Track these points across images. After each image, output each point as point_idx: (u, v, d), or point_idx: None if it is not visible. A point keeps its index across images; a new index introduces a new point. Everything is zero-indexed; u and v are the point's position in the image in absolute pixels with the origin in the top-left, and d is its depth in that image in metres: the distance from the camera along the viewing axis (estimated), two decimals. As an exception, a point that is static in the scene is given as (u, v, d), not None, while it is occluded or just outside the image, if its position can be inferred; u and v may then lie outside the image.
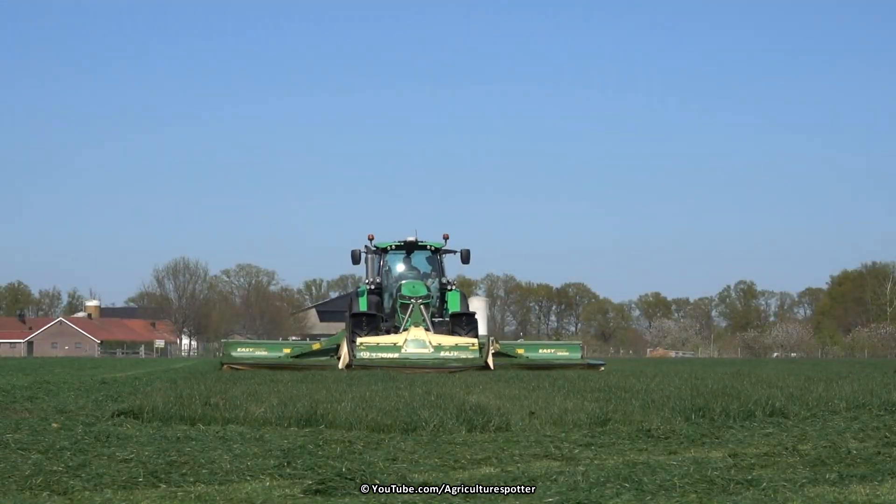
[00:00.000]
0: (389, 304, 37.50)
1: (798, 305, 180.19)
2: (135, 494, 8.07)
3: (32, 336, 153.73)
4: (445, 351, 33.48)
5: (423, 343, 33.62)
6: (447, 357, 33.18)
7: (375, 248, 38.18)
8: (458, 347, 33.66)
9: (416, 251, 38.55)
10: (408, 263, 38.54)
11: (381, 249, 38.18)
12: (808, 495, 7.72)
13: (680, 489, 8.01)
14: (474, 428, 12.11)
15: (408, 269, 38.35)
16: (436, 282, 37.82)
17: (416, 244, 38.25)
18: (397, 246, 38.23)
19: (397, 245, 38.20)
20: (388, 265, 38.38)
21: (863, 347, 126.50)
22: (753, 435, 11.38)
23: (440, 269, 38.26)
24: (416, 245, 38.29)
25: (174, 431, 11.89)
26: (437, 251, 38.31)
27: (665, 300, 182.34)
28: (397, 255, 38.56)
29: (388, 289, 37.94)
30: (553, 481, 8.42)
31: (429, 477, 8.83)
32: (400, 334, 34.43)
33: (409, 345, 33.54)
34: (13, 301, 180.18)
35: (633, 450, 10.42)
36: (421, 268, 38.55)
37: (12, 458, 9.57)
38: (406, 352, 33.34)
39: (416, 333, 33.93)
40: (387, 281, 38.09)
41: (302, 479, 8.69)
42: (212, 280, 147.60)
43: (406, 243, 38.26)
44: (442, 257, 38.36)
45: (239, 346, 36.89)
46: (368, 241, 38.07)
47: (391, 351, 33.38)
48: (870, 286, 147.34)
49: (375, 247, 38.18)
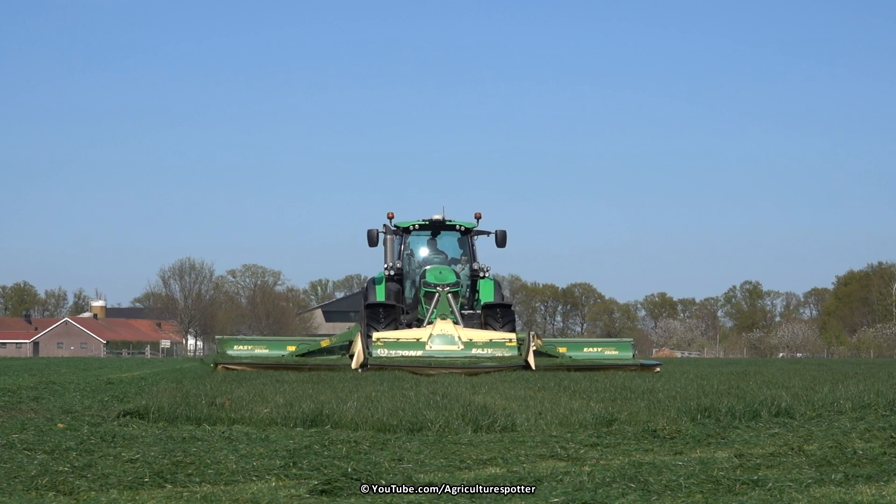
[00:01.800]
0: (412, 292, 32.88)
1: (804, 306, 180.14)
2: (140, 494, 8.07)
3: (38, 336, 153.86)
4: (478, 348, 28.62)
5: (451, 339, 28.81)
6: (480, 355, 28.39)
7: (396, 227, 33.27)
8: (493, 344, 28.68)
9: (443, 232, 33.59)
10: (433, 246, 33.67)
11: (402, 229, 33.23)
12: (814, 496, 7.71)
13: (686, 489, 8.01)
14: (480, 428, 12.12)
15: (433, 253, 33.52)
16: (466, 267, 32.92)
17: (444, 223, 33.24)
18: (421, 225, 33.26)
19: (421, 224, 33.21)
20: (411, 248, 33.47)
21: (868, 347, 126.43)
22: (759, 435, 11.38)
23: (471, 253, 33.33)
24: (444, 224, 33.31)
25: (180, 432, 11.90)
26: (468, 232, 33.33)
27: (671, 300, 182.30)
28: (421, 237, 33.71)
29: (409, 275, 33.13)
30: (559, 481, 8.43)
31: (434, 477, 8.84)
32: (424, 328, 29.51)
33: (434, 341, 28.72)
34: (19, 301, 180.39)
35: (638, 450, 10.42)
36: (448, 251, 33.67)
37: (18, 458, 9.58)
38: (431, 349, 28.49)
39: (443, 327, 29.09)
40: (409, 266, 33.21)
41: (308, 479, 8.70)
42: (217, 280, 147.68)
43: (431, 222, 33.25)
44: (473, 239, 33.47)
45: (236, 344, 31.68)
46: (388, 220, 33.18)
47: (413, 348, 28.55)
48: (875, 286, 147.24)
49: (396, 226, 33.27)
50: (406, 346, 28.60)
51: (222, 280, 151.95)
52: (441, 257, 33.35)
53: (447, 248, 33.63)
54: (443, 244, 33.68)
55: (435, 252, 33.50)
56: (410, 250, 33.35)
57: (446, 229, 33.46)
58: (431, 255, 33.43)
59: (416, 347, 28.56)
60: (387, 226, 33.11)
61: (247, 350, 31.12)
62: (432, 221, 33.18)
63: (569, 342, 32.36)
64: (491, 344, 28.73)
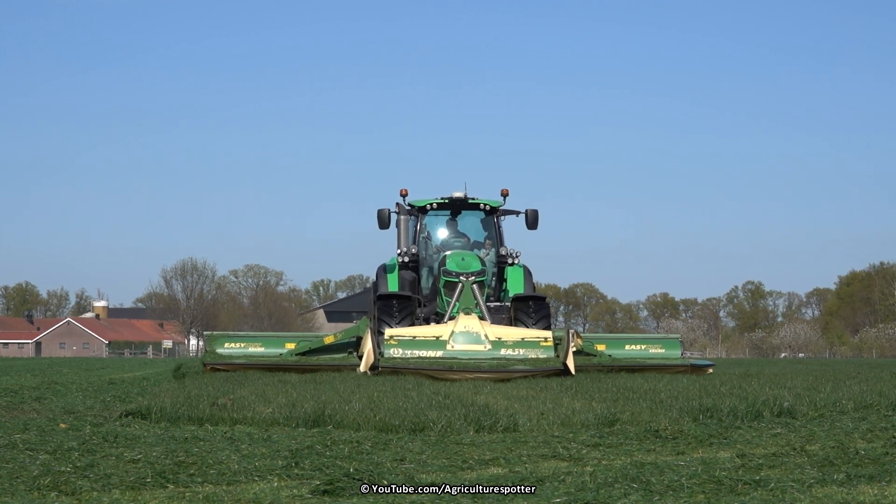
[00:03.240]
0: (429, 282, 28.56)
1: (806, 306, 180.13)
2: (143, 495, 8.08)
3: (40, 336, 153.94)
4: (508, 348, 24.48)
5: (476, 337, 24.67)
6: (510, 357, 24.24)
7: (410, 206, 28.81)
8: (526, 343, 24.52)
9: (464, 211, 29.25)
10: (454, 228, 29.39)
11: (418, 209, 28.83)
12: (816, 496, 7.72)
13: (688, 490, 8.01)
14: (482, 428, 12.13)
15: (454, 236, 29.23)
16: (491, 253, 28.72)
17: (466, 202, 28.85)
18: (440, 204, 28.89)
19: (440, 203, 28.87)
20: (428, 230, 29.20)
21: (871, 348, 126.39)
22: (761, 435, 11.38)
23: (497, 236, 28.90)
24: (466, 203, 28.91)
25: (182, 432, 11.91)
26: (494, 212, 28.91)
27: (673, 300, 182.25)
28: (440, 217, 29.42)
29: (427, 262, 28.86)
30: (561, 482, 8.43)
31: (436, 477, 8.84)
32: (444, 325, 25.27)
33: (456, 339, 24.60)
34: (21, 301, 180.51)
35: (640, 450, 10.43)
36: (471, 234, 29.42)
37: (20, 458, 9.59)
38: (453, 349, 24.42)
39: (467, 323, 24.89)
40: (425, 251, 28.93)
41: (310, 479, 8.71)
42: (220, 280, 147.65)
43: (452, 200, 28.86)
44: (500, 220, 29.13)
45: (227, 341, 27.56)
46: (401, 198, 28.72)
47: (432, 347, 24.41)
48: (878, 286, 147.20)
49: (410, 205, 28.81)
50: (424, 345, 24.44)
51: (224, 280, 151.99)
52: (463, 241, 29.09)
53: (469, 231, 29.50)
54: (465, 226, 29.54)
55: (456, 235, 29.24)
56: (427, 233, 29.14)
57: (468, 208, 29.11)
58: (452, 238, 29.18)
59: (436, 347, 24.39)
60: (400, 205, 28.69)
61: (239, 348, 27.30)
62: (452, 199, 28.87)
63: (608, 339, 28.31)
64: (523, 343, 24.55)
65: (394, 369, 22.82)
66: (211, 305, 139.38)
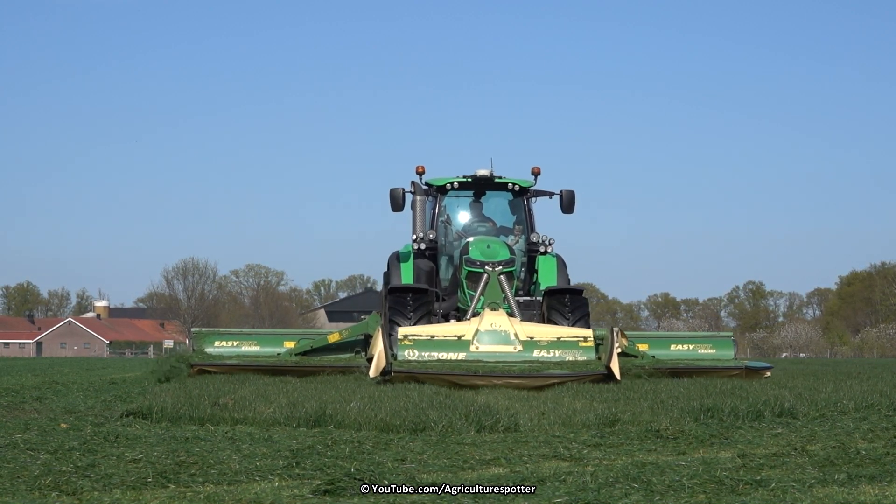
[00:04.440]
0: (449, 273, 25.01)
1: (807, 306, 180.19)
2: (144, 495, 8.09)
3: (41, 336, 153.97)
4: (541, 349, 21.03)
5: (504, 336, 21.23)
6: (545, 360, 20.82)
7: (428, 186, 25.23)
8: (563, 343, 21.16)
9: (489, 192, 25.74)
10: (477, 211, 25.77)
11: (436, 189, 25.23)
12: (817, 496, 7.72)
13: (689, 490, 8.02)
14: (483, 428, 12.14)
15: (478, 220, 25.67)
16: (521, 240, 25.20)
17: (492, 181, 25.36)
18: (462, 184, 25.28)
19: (462, 182, 25.26)
20: (448, 213, 25.54)
21: (872, 348, 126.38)
22: (762, 435, 11.39)
23: (528, 221, 25.43)
24: (492, 182, 25.38)
25: (183, 432, 11.92)
26: (524, 192, 25.38)
27: (674, 300, 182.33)
28: (462, 199, 25.82)
29: (446, 249, 25.25)
30: (562, 482, 8.44)
31: (437, 477, 8.85)
32: (467, 322, 21.81)
33: (481, 339, 21.18)
34: (22, 301, 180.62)
35: (641, 450, 10.44)
36: (497, 218, 25.87)
37: (21, 458, 9.59)
38: (478, 350, 20.97)
39: (494, 320, 21.45)
40: (445, 238, 25.29)
41: (311, 479, 8.71)
42: (221, 280, 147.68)
43: (476, 179, 25.31)
44: (530, 203, 25.60)
45: (217, 339, 24.71)
46: (417, 176, 25.12)
47: (453, 349, 20.96)
48: (879, 286, 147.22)
49: (427, 184, 25.23)
50: (444, 345, 21.00)
51: (225, 280, 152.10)
52: (488, 226, 25.58)
53: (496, 214, 26.02)
54: (490, 208, 26.04)
55: (480, 219, 25.72)
56: (447, 216, 25.48)
57: (495, 188, 25.57)
58: (475, 222, 25.66)
59: (458, 348, 21.00)
60: (416, 184, 25.02)
61: (232, 347, 24.44)
62: (476, 178, 25.33)
63: (651, 337, 25.47)
64: (559, 344, 21.16)
65: (409, 374, 19.71)
66: (212, 305, 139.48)
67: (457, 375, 19.73)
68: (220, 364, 23.22)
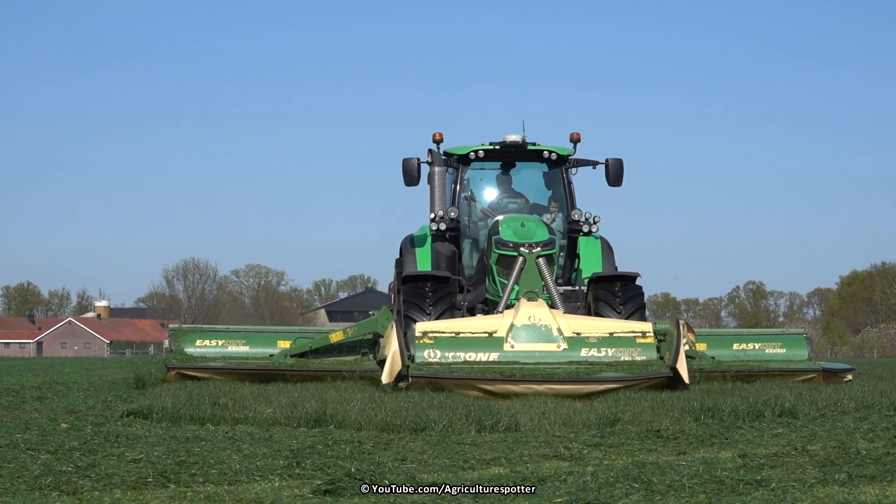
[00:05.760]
0: (473, 258, 21.31)
1: (807, 306, 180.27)
2: (144, 495, 8.09)
3: (42, 336, 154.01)
4: (591, 347, 17.53)
5: (545, 332, 17.57)
6: (595, 360, 17.32)
7: (447, 155, 21.39)
8: (617, 340, 17.61)
9: (522, 163, 21.98)
10: (507, 185, 21.95)
11: (458, 159, 21.45)
12: (818, 495, 7.73)
13: (689, 489, 8.02)
14: (483, 428, 12.15)
15: (507, 195, 21.86)
16: (558, 218, 21.42)
17: (524, 148, 21.51)
18: (488, 152, 21.41)
19: (488, 150, 21.40)
20: (471, 188, 21.81)
21: (872, 348, 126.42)
22: (763, 435, 11.39)
23: (567, 196, 21.58)
24: (524, 150, 21.54)
25: (183, 432, 11.93)
26: (562, 162, 21.60)
27: (674, 300, 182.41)
28: (488, 170, 22.14)
29: (471, 230, 21.54)
30: (562, 482, 8.44)
31: (438, 477, 8.86)
32: (499, 315, 18.11)
33: (517, 335, 17.51)
34: (22, 301, 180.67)
35: (642, 450, 10.44)
36: (530, 193, 22.07)
37: (22, 458, 9.60)
38: (513, 349, 17.37)
39: (533, 313, 17.75)
40: (469, 216, 21.57)
41: (311, 479, 8.72)
42: (221, 280, 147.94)
43: (505, 147, 21.50)
44: (569, 175, 21.73)
45: (199, 337, 21.25)
46: (434, 144, 21.31)
47: (484, 348, 17.36)
48: (879, 286, 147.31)
49: (447, 154, 21.40)
50: (472, 344, 17.41)
51: (226, 280, 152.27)
52: (519, 202, 21.79)
53: (528, 188, 22.21)
54: (522, 182, 22.24)
55: (510, 194, 21.93)
56: (471, 191, 21.76)
57: (527, 158, 21.81)
58: (504, 197, 21.84)
59: (489, 347, 17.43)
60: (433, 153, 21.12)
61: (216, 347, 21.06)
62: (506, 145, 21.50)
63: (710, 335, 21.85)
64: (612, 340, 17.63)
65: (431, 380, 16.54)
66: (212, 305, 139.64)
67: (489, 381, 16.56)
68: (201, 367, 19.97)
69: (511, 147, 21.46)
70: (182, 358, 20.35)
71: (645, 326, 17.93)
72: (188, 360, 20.22)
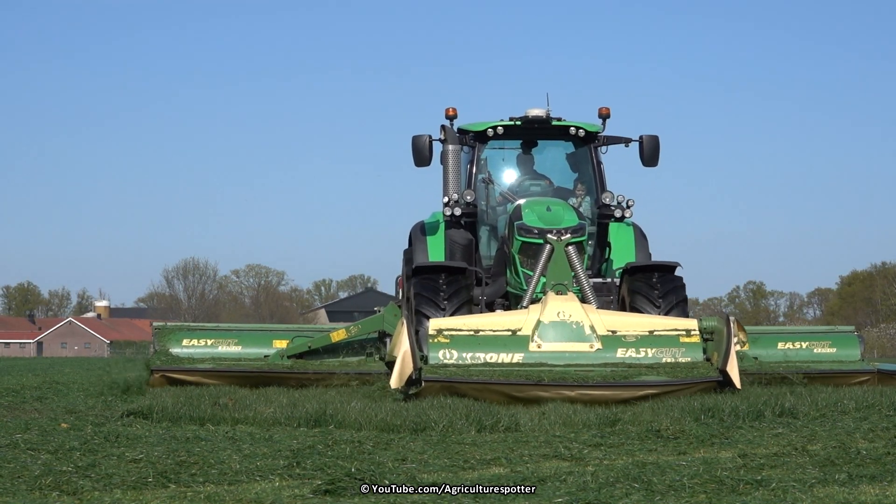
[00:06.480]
0: (491, 247, 19.34)
1: (807, 306, 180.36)
2: (144, 494, 8.09)
3: (42, 336, 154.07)
4: (629, 347, 15.80)
5: (577, 330, 15.82)
6: (634, 362, 15.62)
7: (462, 133, 19.25)
8: (658, 339, 15.89)
9: (545, 141, 19.87)
10: (528, 165, 19.88)
11: (474, 136, 19.32)
12: (818, 495, 7.73)
13: (689, 489, 8.02)
14: (483, 428, 12.14)
15: (529, 177, 19.78)
16: (585, 202, 19.36)
17: (548, 123, 19.33)
18: (507, 129, 19.25)
19: (508, 127, 19.25)
20: (489, 169, 19.67)
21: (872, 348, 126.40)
22: (763, 435, 11.39)
23: (597, 177, 19.50)
24: (548, 126, 19.37)
25: (183, 432, 11.93)
26: (590, 140, 19.47)
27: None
28: (507, 149, 19.94)
29: (489, 216, 19.47)
30: (562, 482, 8.44)
31: (438, 477, 8.86)
32: (523, 311, 16.35)
33: (545, 333, 15.75)
34: (23, 301, 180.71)
35: (642, 450, 10.44)
36: (555, 174, 19.99)
37: (22, 458, 9.60)
38: (540, 349, 15.65)
39: (563, 308, 15.96)
40: (487, 200, 19.49)
41: (311, 479, 8.72)
42: (221, 280, 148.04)
43: (527, 123, 19.31)
44: (598, 154, 19.64)
45: (186, 336, 19.61)
46: (447, 120, 19.08)
47: (507, 347, 15.64)
48: (879, 286, 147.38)
49: (462, 131, 19.27)
50: (493, 343, 15.65)
51: (226, 280, 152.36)
52: (543, 184, 19.78)
53: (552, 169, 20.12)
54: (545, 162, 20.14)
55: (532, 176, 19.87)
56: (488, 173, 19.63)
57: (551, 135, 19.66)
58: (526, 179, 19.79)
59: (513, 347, 15.68)
60: (447, 129, 18.88)
61: (205, 347, 19.37)
62: (528, 121, 19.31)
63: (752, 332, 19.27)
64: (653, 339, 15.88)
65: (446, 384, 14.85)
66: (212, 305, 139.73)
67: (514, 385, 14.95)
68: (188, 370, 18.52)
69: (534, 123, 19.33)
70: (167, 359, 18.87)
71: (690, 323, 16.22)
72: (174, 362, 18.77)
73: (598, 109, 19.63)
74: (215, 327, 20.73)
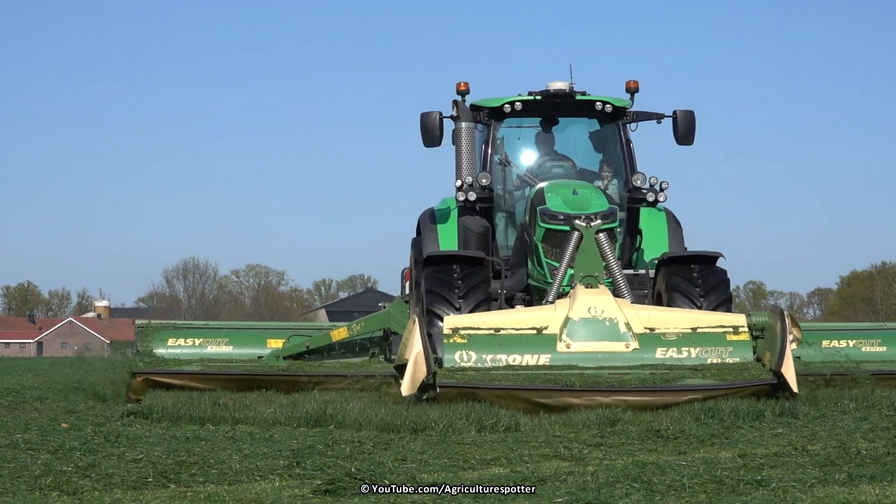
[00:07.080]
0: (510, 235, 17.55)
1: (807, 306, 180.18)
2: (144, 494, 8.10)
3: (42, 336, 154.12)
4: (669, 346, 14.26)
5: (610, 327, 14.27)
6: (675, 363, 14.11)
7: (476, 109, 17.43)
8: (702, 337, 14.32)
9: (563, 120, 18.02)
10: (549, 145, 18.05)
11: (489, 113, 17.46)
12: (818, 495, 7.73)
13: (689, 489, 8.02)
14: (484, 428, 12.12)
15: (550, 158, 17.88)
16: (612, 185, 17.56)
17: (572, 98, 17.41)
18: (527, 104, 17.27)
19: (526, 102, 17.27)
20: (506, 149, 17.80)
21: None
22: (763, 435, 11.38)
23: (627, 158, 17.55)
24: (571, 101, 17.46)
25: (184, 432, 11.93)
26: (619, 116, 17.59)
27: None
28: (526, 128, 18.07)
29: (506, 201, 17.65)
30: (562, 481, 8.44)
31: (438, 477, 8.86)
32: (548, 307, 14.82)
33: (573, 331, 14.20)
34: (23, 301, 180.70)
35: (642, 450, 10.44)
36: (578, 155, 18.08)
37: (22, 458, 9.61)
38: (569, 349, 14.12)
39: (594, 303, 14.38)
40: (504, 183, 17.65)
41: (311, 479, 8.72)
42: (221, 280, 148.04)
43: (548, 97, 17.36)
44: (626, 132, 17.69)
45: (172, 336, 18.05)
46: (459, 96, 17.13)
47: (532, 348, 14.09)
48: (879, 286, 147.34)
49: (476, 107, 17.45)
50: (517, 344, 14.07)
51: (226, 280, 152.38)
52: (566, 166, 17.84)
53: (576, 150, 18.16)
54: (567, 141, 18.27)
55: (553, 156, 17.95)
56: (505, 154, 17.70)
57: (574, 112, 17.83)
58: (547, 160, 17.85)
59: (539, 347, 14.11)
60: (459, 104, 17.06)
61: (194, 347, 17.90)
62: (549, 95, 17.36)
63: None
64: (696, 338, 14.30)
65: (465, 390, 13.43)
66: (213, 305, 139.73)
67: (541, 391, 13.44)
68: (175, 372, 16.79)
69: (556, 97, 17.37)
70: (151, 361, 17.23)
71: (737, 319, 14.51)
72: (159, 364, 17.14)
73: (626, 83, 17.79)
74: (204, 325, 19.07)
